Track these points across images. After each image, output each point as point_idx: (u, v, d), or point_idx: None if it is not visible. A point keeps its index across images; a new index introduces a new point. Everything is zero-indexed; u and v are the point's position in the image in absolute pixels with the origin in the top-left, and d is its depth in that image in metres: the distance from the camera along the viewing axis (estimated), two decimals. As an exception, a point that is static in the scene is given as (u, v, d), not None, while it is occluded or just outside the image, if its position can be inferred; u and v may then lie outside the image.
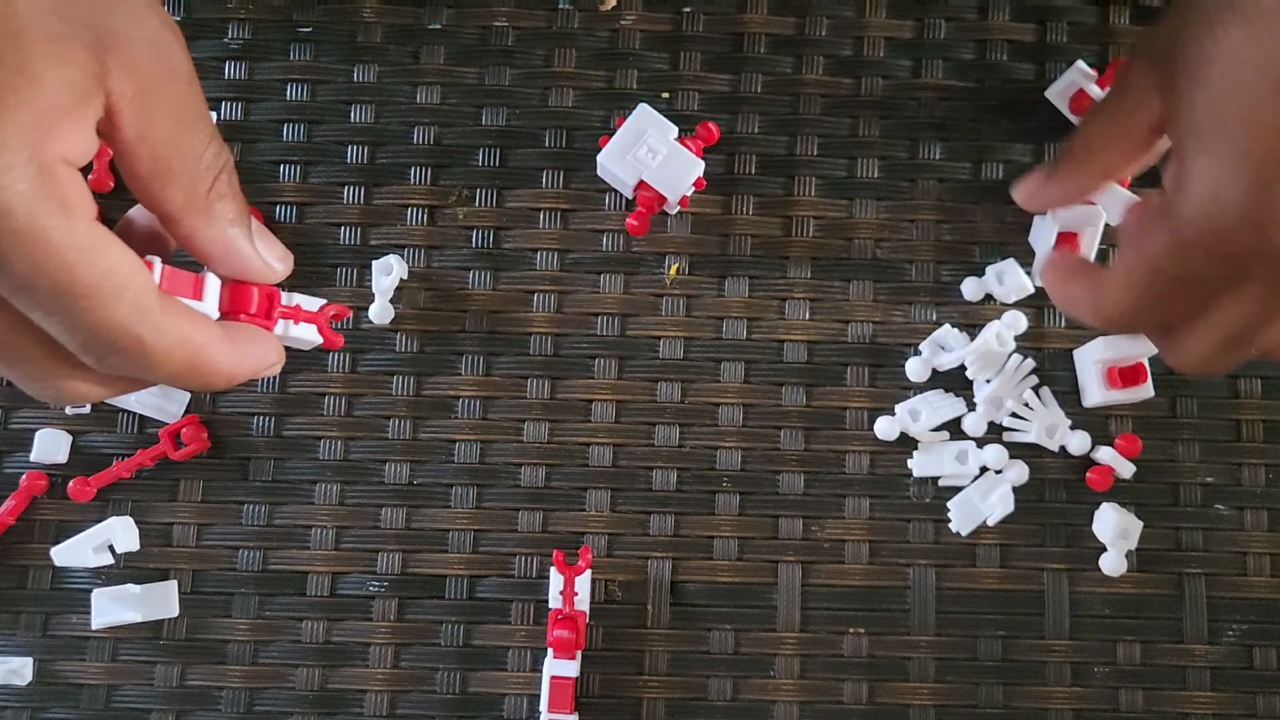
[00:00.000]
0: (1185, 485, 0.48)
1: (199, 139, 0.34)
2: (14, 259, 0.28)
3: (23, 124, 0.28)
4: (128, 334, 0.31)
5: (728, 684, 0.47)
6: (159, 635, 0.47)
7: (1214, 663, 0.47)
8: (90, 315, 0.30)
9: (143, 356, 0.32)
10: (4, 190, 0.28)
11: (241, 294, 0.37)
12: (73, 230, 0.29)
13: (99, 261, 0.30)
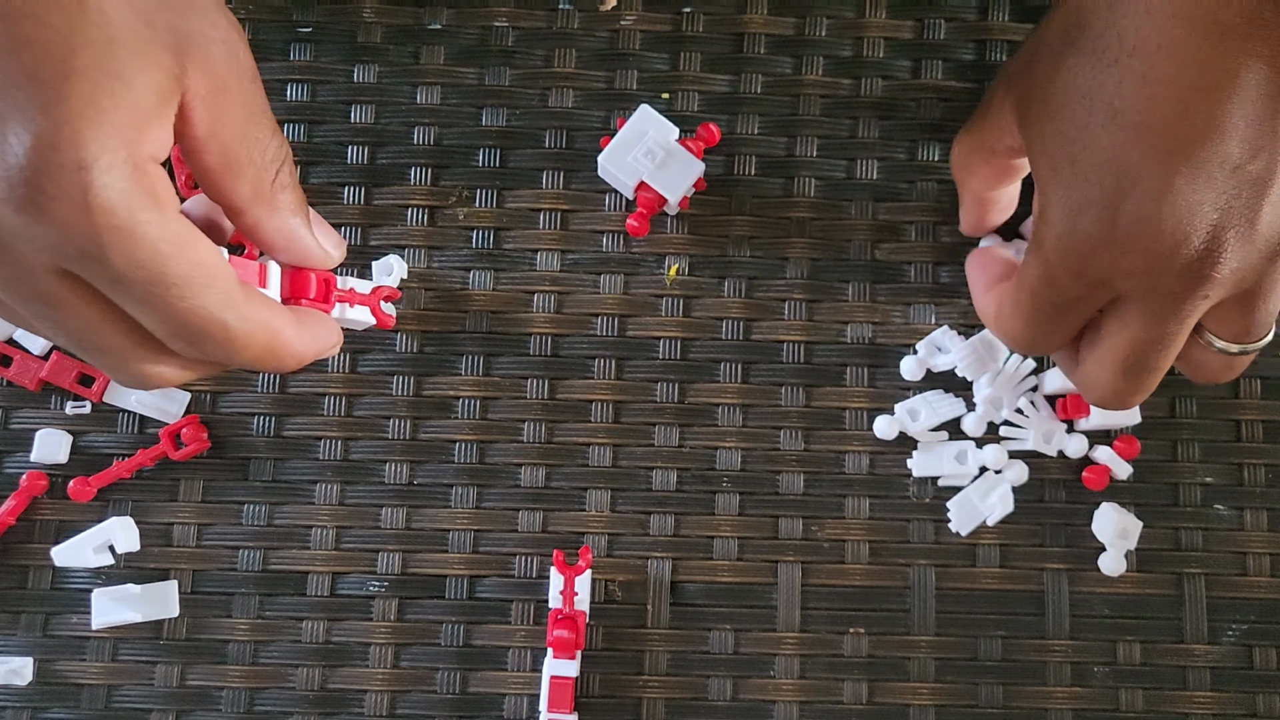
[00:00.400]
0: (1185, 485, 0.48)
1: (264, 133, 0.35)
2: (113, 253, 0.30)
3: (120, 125, 0.30)
4: (215, 321, 0.33)
5: (728, 684, 0.47)
6: (159, 635, 0.47)
7: (1214, 663, 0.47)
8: (182, 304, 0.32)
9: (228, 342, 0.33)
10: (105, 188, 0.29)
11: (301, 280, 0.39)
12: (165, 224, 0.31)
13: (189, 253, 0.31)
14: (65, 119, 0.29)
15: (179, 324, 0.32)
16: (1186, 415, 0.49)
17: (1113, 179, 0.34)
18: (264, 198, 0.36)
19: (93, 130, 0.29)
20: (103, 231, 0.29)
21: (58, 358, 0.48)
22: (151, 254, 0.30)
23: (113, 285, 0.31)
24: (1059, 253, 0.36)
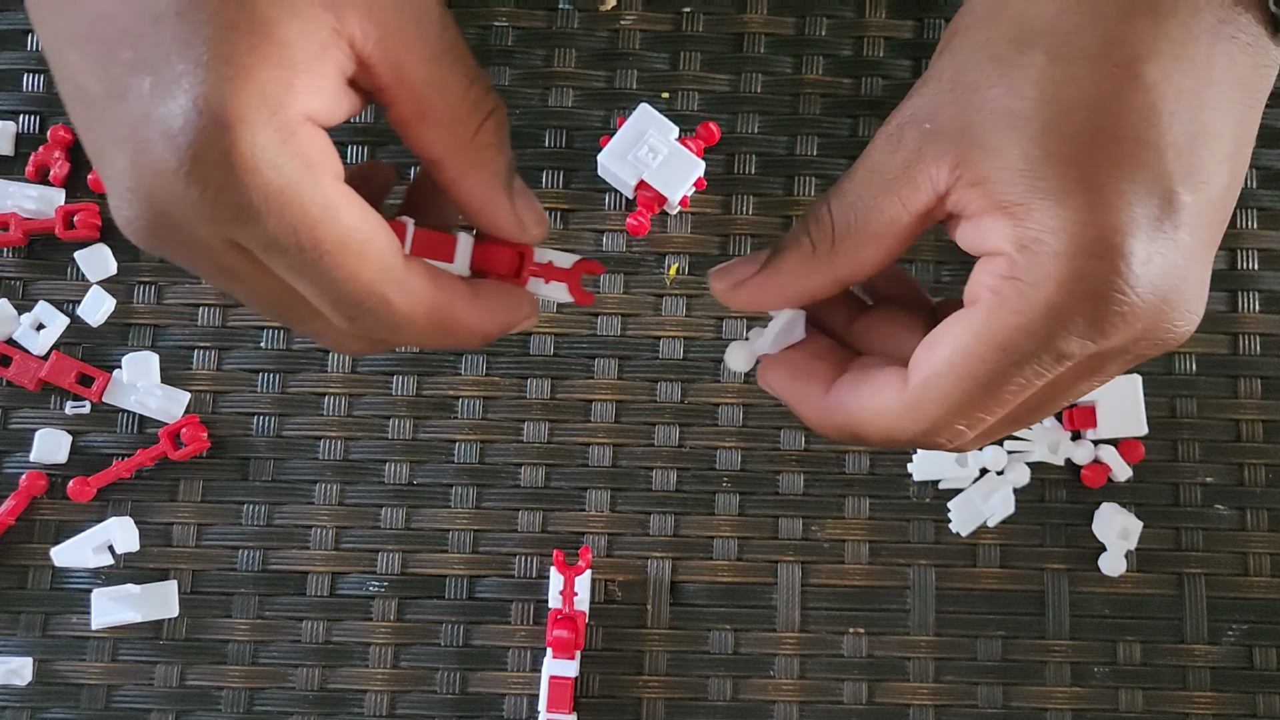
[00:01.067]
0: (1185, 485, 0.48)
1: (458, 79, 0.32)
2: (262, 216, 0.29)
3: (262, 82, 0.28)
4: (372, 293, 0.31)
5: (727, 684, 0.47)
6: (159, 635, 0.47)
7: (1214, 663, 0.47)
8: (335, 273, 0.30)
9: (389, 315, 0.32)
10: (249, 149, 0.28)
11: (492, 253, 0.36)
12: (317, 188, 0.29)
13: (342, 219, 0.30)
14: (211, 81, 0.28)
15: (335, 295, 0.31)
16: (1186, 415, 0.49)
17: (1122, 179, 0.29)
18: (462, 149, 0.33)
19: (236, 90, 0.28)
20: (250, 192, 0.28)
21: (57, 357, 0.48)
22: (301, 218, 0.29)
23: (266, 251, 0.30)
24: (1074, 285, 0.29)
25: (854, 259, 0.34)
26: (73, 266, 0.49)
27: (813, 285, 0.34)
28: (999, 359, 0.30)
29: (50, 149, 0.49)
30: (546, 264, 0.37)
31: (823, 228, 0.34)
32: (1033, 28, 0.31)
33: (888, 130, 0.33)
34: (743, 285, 0.35)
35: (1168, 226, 0.29)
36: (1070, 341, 0.30)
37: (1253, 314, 0.49)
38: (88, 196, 0.50)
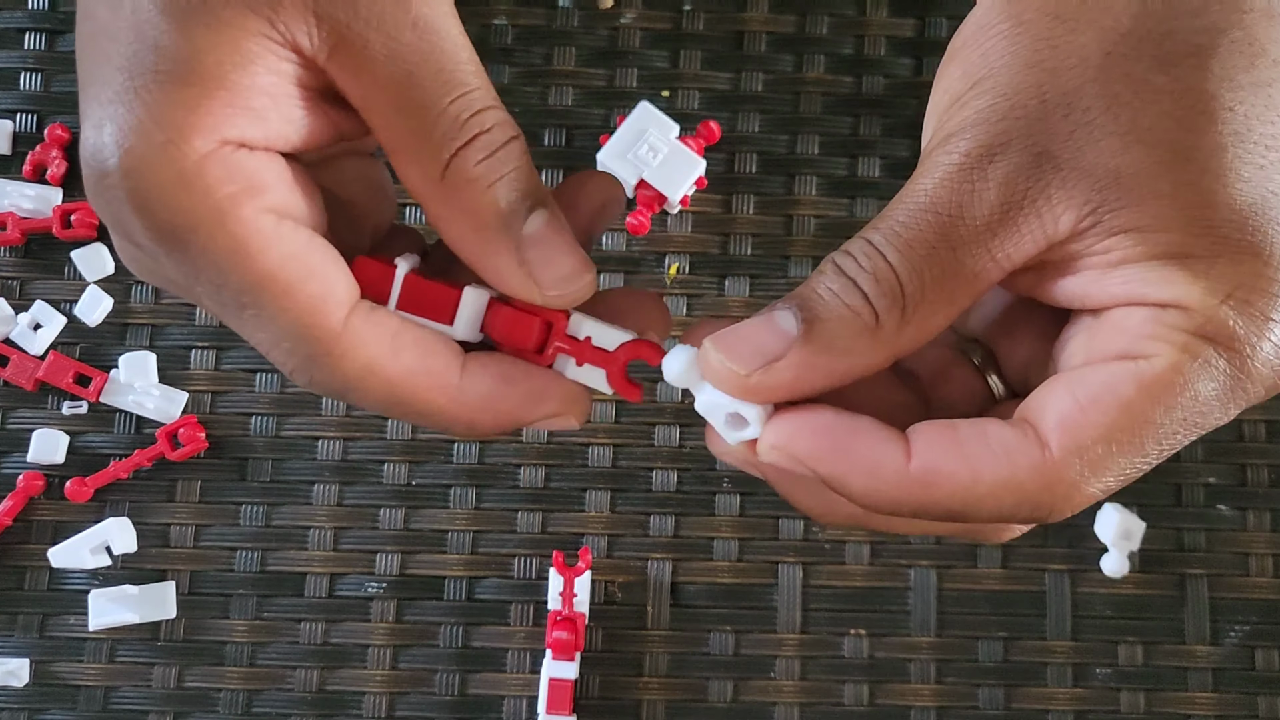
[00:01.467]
0: (1188, 485, 0.48)
1: (432, 94, 0.26)
2: (165, 256, 0.25)
3: (159, 106, 0.24)
4: (303, 350, 0.26)
5: (728, 685, 0.47)
6: (157, 636, 0.47)
7: (1216, 664, 0.47)
8: (254, 321, 0.26)
9: (329, 379, 0.27)
10: (139, 184, 0.24)
11: (509, 319, 0.28)
12: (221, 225, 0.25)
13: (258, 261, 0.25)
14: (110, 110, 0.25)
15: (267, 348, 0.26)
16: (1189, 415, 0.49)
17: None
18: (433, 184, 0.27)
19: (129, 119, 0.24)
20: (145, 233, 0.25)
21: (55, 357, 0.48)
22: (205, 258, 0.25)
23: (188, 294, 0.26)
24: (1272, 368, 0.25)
25: (925, 329, 0.26)
26: (70, 266, 0.49)
27: (872, 365, 0.26)
28: (1181, 429, 0.25)
29: (47, 148, 0.49)
30: (584, 340, 0.29)
31: (889, 293, 0.26)
32: (1184, 46, 0.26)
33: (956, 159, 0.26)
34: (774, 369, 0.26)
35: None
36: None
37: (1255, 314, 0.49)
38: (85, 196, 0.49)
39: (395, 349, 0.27)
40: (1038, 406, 0.26)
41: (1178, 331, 0.25)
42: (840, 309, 0.26)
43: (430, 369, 0.27)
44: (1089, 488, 0.25)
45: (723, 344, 0.26)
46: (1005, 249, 0.25)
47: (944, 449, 0.26)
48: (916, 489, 0.26)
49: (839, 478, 0.26)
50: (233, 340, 0.49)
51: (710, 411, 0.27)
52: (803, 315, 0.26)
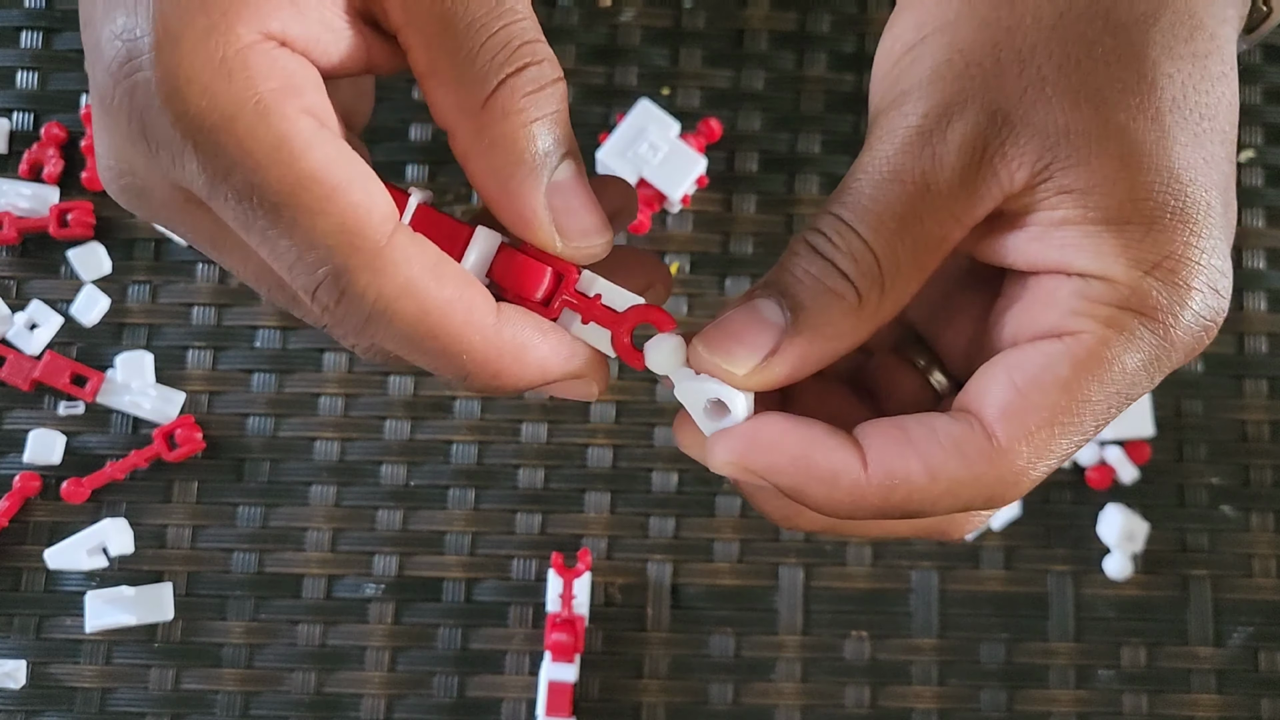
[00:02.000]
0: (1191, 486, 0.48)
1: (487, 20, 0.25)
2: (192, 152, 0.24)
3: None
4: (333, 261, 0.24)
5: (729, 688, 0.46)
6: (153, 638, 0.46)
7: (1219, 665, 0.47)
8: (283, 229, 0.24)
9: (357, 299, 0.24)
10: (176, 69, 0.23)
11: (518, 265, 0.27)
12: (265, 121, 0.23)
13: (298, 163, 0.23)
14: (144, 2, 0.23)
15: (287, 260, 0.24)
16: (1192, 416, 0.48)
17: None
18: (470, 114, 0.25)
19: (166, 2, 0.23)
20: (176, 124, 0.23)
21: (51, 357, 0.47)
22: (239, 157, 0.23)
23: (210, 200, 0.24)
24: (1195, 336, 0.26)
25: (901, 299, 0.26)
26: (66, 265, 0.49)
27: (857, 342, 0.27)
28: (1115, 402, 0.26)
29: (44, 147, 0.49)
30: (593, 298, 0.27)
31: (868, 271, 0.26)
32: (1131, 13, 0.26)
33: (914, 122, 0.26)
34: (770, 365, 0.26)
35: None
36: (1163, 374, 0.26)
37: (1259, 314, 0.49)
38: (82, 195, 0.49)
39: (438, 274, 0.25)
40: (978, 394, 0.26)
41: (1102, 305, 0.25)
42: (823, 293, 0.26)
43: (471, 303, 0.25)
44: (1035, 471, 0.26)
45: (714, 344, 0.26)
46: (968, 209, 0.26)
47: (898, 451, 0.26)
48: (876, 495, 0.26)
49: (797, 489, 0.26)
50: (230, 340, 0.48)
51: (691, 399, 0.27)
52: (788, 303, 0.26)
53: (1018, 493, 0.26)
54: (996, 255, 0.27)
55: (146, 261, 0.49)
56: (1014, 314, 0.27)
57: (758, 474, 0.26)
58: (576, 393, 0.28)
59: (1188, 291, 0.25)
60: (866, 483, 0.26)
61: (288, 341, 0.48)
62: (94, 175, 0.49)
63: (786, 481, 0.26)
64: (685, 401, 0.27)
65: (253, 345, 0.48)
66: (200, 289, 0.49)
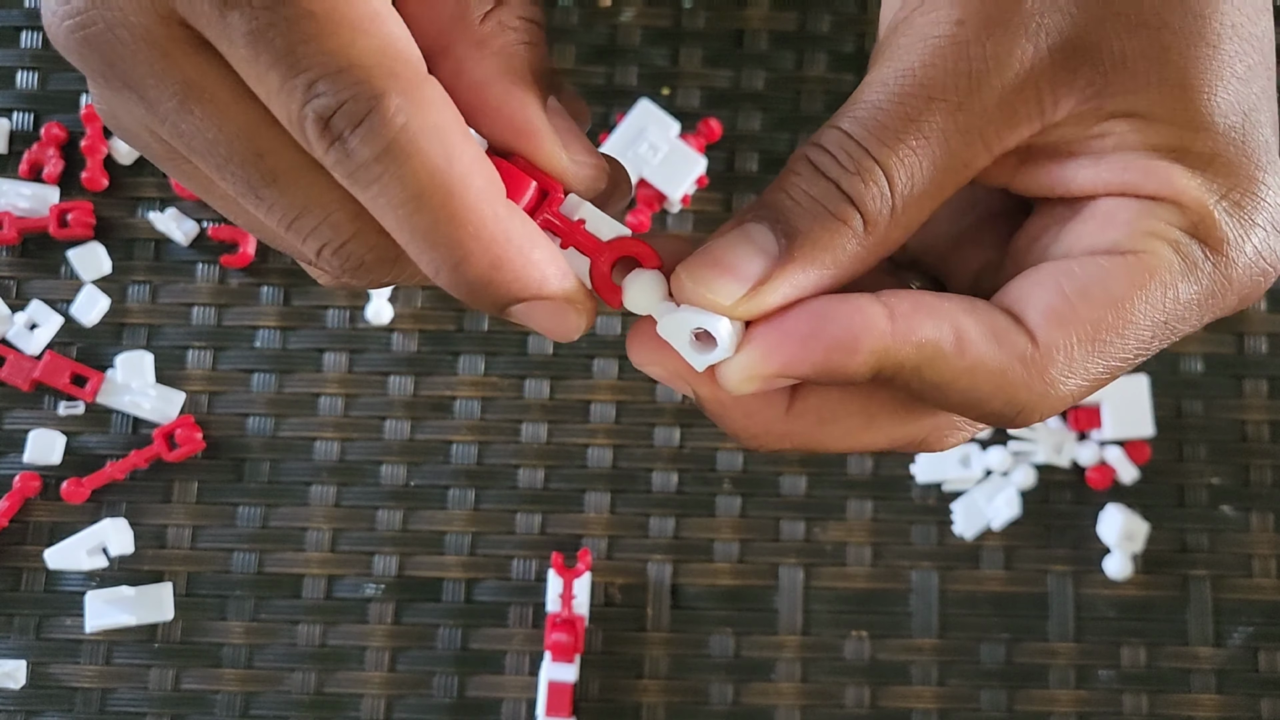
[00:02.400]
0: (1191, 487, 0.48)
1: None
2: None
3: None
4: (387, 85, 0.22)
5: (729, 688, 0.46)
6: (153, 638, 0.46)
7: (1219, 666, 0.47)
8: (316, 44, 0.22)
9: (395, 127, 0.22)
10: None
11: (503, 170, 0.25)
12: None
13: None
14: None
15: (310, 83, 0.22)
16: (1192, 415, 0.48)
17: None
18: (466, 29, 0.24)
19: None
20: None
21: (51, 357, 0.47)
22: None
23: (224, 15, 0.22)
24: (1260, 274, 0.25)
25: (912, 225, 0.24)
26: (66, 265, 0.49)
27: (862, 270, 0.24)
28: (1160, 333, 0.24)
29: (44, 147, 0.49)
30: (576, 222, 0.25)
31: (879, 195, 0.23)
32: None
33: (947, 31, 0.23)
34: (759, 295, 0.24)
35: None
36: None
37: (1259, 313, 0.49)
38: (82, 195, 0.49)
39: (467, 134, 0.23)
40: (1020, 296, 0.24)
41: (1171, 228, 0.24)
42: (824, 218, 0.24)
43: (491, 176, 0.23)
44: (1065, 386, 0.24)
45: (699, 273, 0.24)
46: (1000, 134, 0.24)
47: (929, 315, 0.23)
48: (896, 356, 0.23)
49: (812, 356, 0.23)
50: (229, 341, 0.48)
51: (675, 333, 0.25)
52: (782, 229, 0.24)
53: (1037, 409, 0.24)
54: (1035, 186, 0.25)
55: (146, 261, 0.49)
56: (1061, 234, 0.25)
57: (786, 370, 0.24)
58: (557, 322, 0.25)
59: (1251, 226, 0.24)
60: (890, 336, 0.23)
61: (288, 341, 0.48)
62: (94, 176, 0.48)
63: (804, 353, 0.23)
64: (669, 336, 0.25)
65: (253, 345, 0.48)
66: (200, 289, 0.49)
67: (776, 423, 0.26)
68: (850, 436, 0.26)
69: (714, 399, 0.25)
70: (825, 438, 0.26)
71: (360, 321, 0.48)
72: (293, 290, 0.49)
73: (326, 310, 0.48)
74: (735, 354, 0.24)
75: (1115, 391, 0.47)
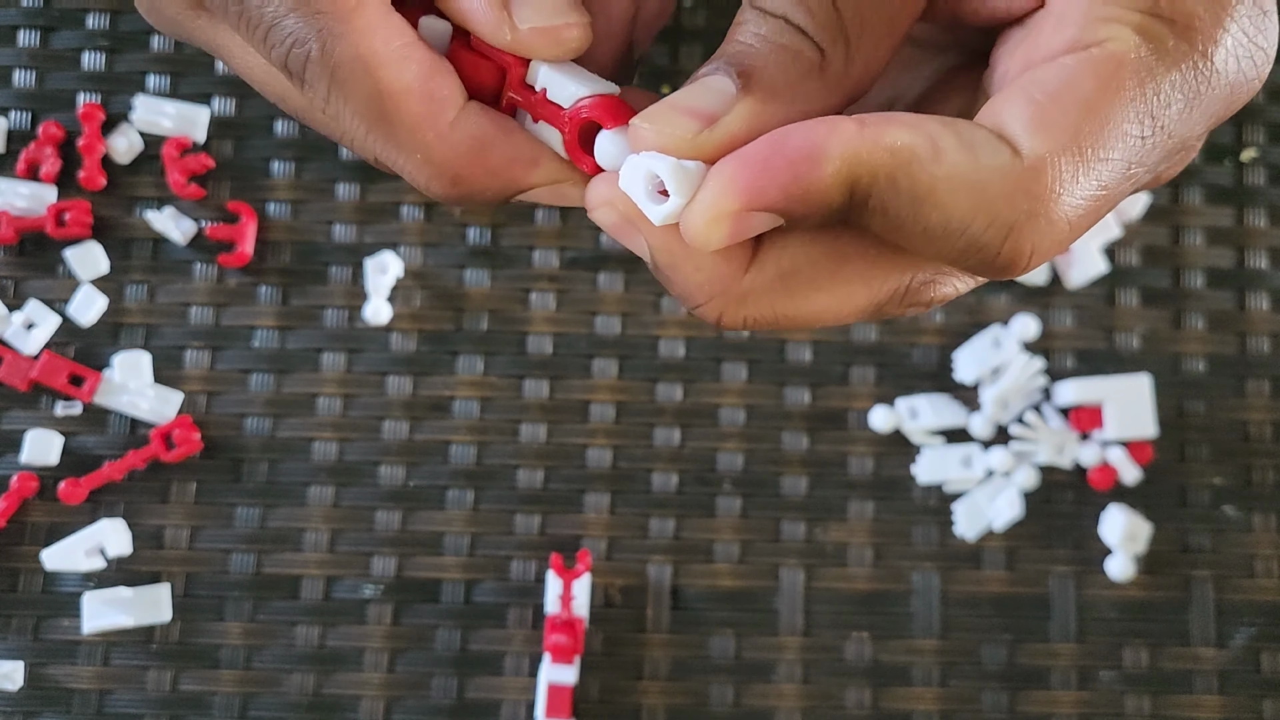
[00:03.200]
0: (1193, 487, 0.48)
1: None
2: None
3: None
4: (300, 23, 0.23)
5: (729, 690, 0.46)
6: (151, 640, 0.46)
7: (1222, 667, 0.47)
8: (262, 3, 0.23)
9: (319, 64, 0.23)
10: None
11: (460, 61, 0.24)
12: None
13: None
14: None
15: (265, 36, 0.24)
16: (1194, 415, 0.48)
17: None
18: None
19: None
20: None
21: (48, 357, 0.47)
22: None
23: (211, 5, 0.24)
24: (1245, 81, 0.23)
25: (871, 64, 0.23)
26: (63, 265, 0.48)
27: (825, 109, 0.23)
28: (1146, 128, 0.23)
29: (41, 146, 0.49)
30: (539, 93, 0.25)
31: (828, 24, 0.22)
32: None
33: None
34: (718, 127, 0.23)
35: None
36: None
37: (1261, 313, 0.49)
38: (79, 194, 0.49)
39: (404, 55, 0.24)
40: (995, 114, 0.23)
41: (1129, 10, 0.22)
42: (778, 52, 0.23)
43: (431, 94, 0.24)
44: (1056, 209, 0.22)
45: (656, 115, 0.23)
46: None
47: (901, 123, 0.22)
48: (870, 146, 0.21)
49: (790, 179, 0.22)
50: (227, 341, 0.48)
51: (634, 185, 0.23)
52: (737, 71, 0.23)
53: (1029, 230, 0.22)
54: (987, 10, 0.24)
55: (144, 261, 0.49)
56: (1020, 48, 0.24)
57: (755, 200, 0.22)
58: (553, 202, 0.27)
59: (1226, 13, 0.22)
60: (860, 139, 0.21)
61: (286, 342, 0.48)
62: (92, 175, 0.48)
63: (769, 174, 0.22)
64: (629, 188, 0.23)
65: (250, 345, 0.48)
66: (198, 289, 0.48)
67: (734, 280, 0.24)
68: (820, 294, 0.24)
69: (665, 248, 0.24)
70: (792, 297, 0.24)
71: (358, 321, 0.48)
72: (291, 290, 0.48)
73: (325, 310, 0.48)
74: (696, 196, 0.22)
75: (1117, 391, 0.46)
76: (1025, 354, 0.47)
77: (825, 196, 0.22)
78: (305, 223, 0.49)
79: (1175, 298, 0.49)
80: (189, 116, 0.49)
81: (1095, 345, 0.48)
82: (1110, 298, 0.49)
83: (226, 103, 0.50)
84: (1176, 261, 0.49)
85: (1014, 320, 0.48)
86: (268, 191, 0.49)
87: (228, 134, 0.49)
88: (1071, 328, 0.49)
